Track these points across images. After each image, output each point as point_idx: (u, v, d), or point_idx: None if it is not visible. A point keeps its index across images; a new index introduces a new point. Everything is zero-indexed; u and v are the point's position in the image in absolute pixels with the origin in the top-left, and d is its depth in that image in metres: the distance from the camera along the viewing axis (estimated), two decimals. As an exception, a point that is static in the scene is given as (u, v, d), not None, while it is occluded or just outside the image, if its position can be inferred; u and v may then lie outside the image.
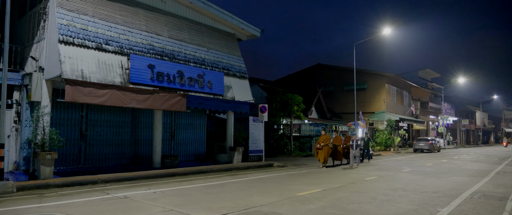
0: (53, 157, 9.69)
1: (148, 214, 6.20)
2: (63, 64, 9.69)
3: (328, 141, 15.45)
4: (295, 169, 14.77)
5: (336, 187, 9.65)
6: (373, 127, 32.76)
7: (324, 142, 15.38)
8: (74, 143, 12.28)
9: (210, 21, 15.21)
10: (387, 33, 24.85)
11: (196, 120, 16.35)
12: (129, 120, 13.90)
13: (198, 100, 13.09)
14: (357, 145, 15.70)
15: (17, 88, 11.26)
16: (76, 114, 12.38)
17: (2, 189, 7.99)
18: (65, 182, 9.16)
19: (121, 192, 8.35)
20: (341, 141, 16.43)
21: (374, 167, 15.98)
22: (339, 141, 16.44)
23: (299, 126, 26.50)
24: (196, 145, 16.28)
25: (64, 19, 10.22)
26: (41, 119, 9.93)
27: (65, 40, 9.96)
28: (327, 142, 15.38)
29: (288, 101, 23.15)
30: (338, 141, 16.43)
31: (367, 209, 6.90)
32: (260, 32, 17.24)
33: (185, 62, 13.18)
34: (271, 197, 8.01)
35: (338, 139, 16.63)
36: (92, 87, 10.10)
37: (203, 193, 8.45)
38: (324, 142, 15.39)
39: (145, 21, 12.56)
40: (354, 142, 15.77)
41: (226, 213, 6.32)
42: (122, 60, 11.24)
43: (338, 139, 16.61)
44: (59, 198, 7.56)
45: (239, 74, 15.56)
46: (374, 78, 35.01)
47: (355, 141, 15.73)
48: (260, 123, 16.85)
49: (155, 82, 11.76)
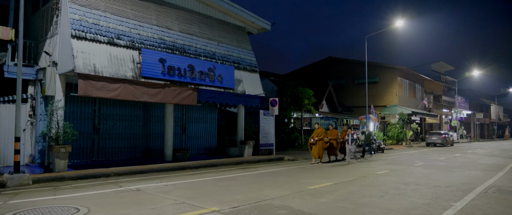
0: (67, 150, 9.86)
1: (160, 206, 6.28)
2: (76, 59, 9.81)
3: (323, 135, 14.31)
4: (306, 162, 14.74)
5: (347, 181, 9.61)
6: (385, 120, 32.45)
7: (318, 136, 14.27)
8: (87, 137, 12.48)
9: (221, 14, 15.18)
10: (399, 26, 24.48)
11: (207, 114, 16.43)
12: (140, 113, 14.05)
13: (208, 94, 13.13)
14: (353, 140, 14.61)
15: (32, 83, 11.46)
16: (89, 108, 12.56)
17: (18, 181, 8.18)
18: (79, 175, 9.33)
19: (134, 185, 8.46)
20: (336, 135, 15.28)
21: (385, 161, 15.85)
22: (334, 135, 15.20)
23: (310, 120, 26.41)
24: (207, 138, 16.37)
25: (76, 14, 10.32)
26: (55, 113, 10.10)
27: (78, 35, 10.08)
28: (321, 136, 14.24)
29: (299, 95, 23.05)
30: (333, 135, 15.20)
31: (379, 203, 6.86)
32: (271, 26, 17.16)
33: (195, 56, 13.21)
34: (282, 190, 8.02)
35: (334, 132, 15.27)
36: (104, 81, 10.21)
37: (214, 186, 8.51)
38: (318, 136, 14.28)
39: (156, 16, 12.61)
40: (349, 136, 14.70)
41: (237, 206, 6.35)
42: (134, 54, 11.32)
43: (333, 132, 15.27)
44: (73, 190, 7.70)
45: (250, 68, 15.53)
46: (386, 72, 34.59)
47: (351, 135, 14.65)
48: (270, 116, 16.83)
49: (166, 76, 11.82)
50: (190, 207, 6.22)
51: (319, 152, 14.18)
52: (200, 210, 6.06)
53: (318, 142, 14.12)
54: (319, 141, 14.16)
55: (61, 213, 5.67)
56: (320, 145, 14.20)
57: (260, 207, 6.34)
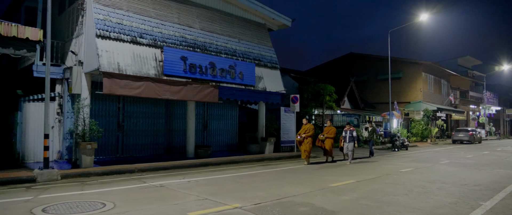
0: (93, 147, 10.13)
1: (183, 202, 6.36)
2: (101, 58, 10.05)
3: (311, 131, 12.60)
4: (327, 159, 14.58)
5: (370, 179, 9.45)
6: (409, 117, 31.72)
7: (306, 132, 12.62)
8: (112, 134, 12.79)
9: (241, 12, 15.19)
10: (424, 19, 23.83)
11: (228, 111, 16.53)
12: (163, 111, 14.28)
13: (229, 91, 13.19)
14: (352, 138, 13.13)
15: (59, 81, 11.82)
16: (113, 105, 12.86)
17: (47, 176, 8.48)
18: (104, 171, 9.58)
19: (157, 181, 8.62)
20: (334, 133, 13.48)
21: (409, 158, 15.50)
22: (332, 132, 13.41)
23: (331, 116, 26.11)
24: (228, 135, 16.47)
25: (100, 14, 10.56)
26: (82, 110, 10.39)
27: (102, 35, 10.31)
28: (309, 133, 12.57)
29: (320, 92, 22.82)
30: (330, 132, 13.41)
31: (403, 201, 6.71)
32: (291, 22, 17.04)
33: (216, 53, 13.29)
34: (304, 187, 7.98)
35: (331, 130, 13.48)
36: (128, 79, 10.42)
37: (235, 183, 8.55)
38: (305, 132, 12.64)
39: (177, 14, 12.75)
40: (348, 133, 13.22)
41: (259, 203, 6.36)
42: (156, 52, 11.49)
43: (331, 130, 13.48)
44: (99, 186, 7.91)
45: (270, 65, 15.49)
46: (410, 67, 33.75)
47: (349, 132, 13.19)
48: (291, 113, 16.75)
49: (187, 74, 11.95)
50: (213, 203, 6.28)
51: (306, 150, 12.58)
52: (222, 206, 6.10)
53: (305, 139, 12.53)
54: (307, 138, 12.55)
55: (88, 207, 5.84)
56: (306, 143, 12.53)
57: (282, 204, 6.32)
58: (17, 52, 8.68)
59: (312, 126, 12.83)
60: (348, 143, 13.18)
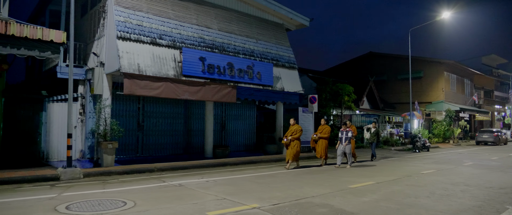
0: (114, 146, 10.34)
1: (202, 201, 6.41)
2: (121, 59, 10.24)
3: (298, 133, 11.56)
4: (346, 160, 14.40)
5: (390, 180, 9.29)
6: (430, 117, 30.99)
7: (293, 134, 11.55)
8: (132, 133, 13.02)
9: (259, 12, 15.20)
10: (446, 17, 23.23)
11: (245, 111, 16.57)
12: (182, 111, 14.44)
13: (247, 92, 13.21)
14: (347, 139, 11.98)
15: (82, 82, 12.12)
16: (133, 105, 13.09)
17: (71, 175, 8.71)
18: (125, 170, 9.76)
19: (176, 180, 8.71)
20: (328, 132, 12.45)
21: (431, 160, 15.14)
22: (326, 132, 12.38)
23: (350, 117, 25.79)
24: (246, 135, 16.50)
25: (121, 16, 10.77)
26: (103, 110, 10.62)
27: (123, 36, 10.51)
28: (296, 135, 11.51)
29: (338, 92, 22.59)
30: (324, 132, 12.37)
31: (425, 203, 6.56)
32: (309, 21, 16.93)
33: (234, 54, 13.34)
34: (322, 188, 7.91)
35: (325, 129, 12.41)
36: (148, 80, 10.58)
37: (253, 183, 8.55)
38: (292, 134, 11.57)
39: (196, 15, 12.87)
40: (343, 134, 12.09)
41: (277, 203, 6.34)
42: (175, 53, 11.63)
43: (325, 129, 12.42)
44: (120, 185, 8.07)
45: (288, 65, 15.44)
46: (431, 66, 32.98)
47: (345, 133, 12.07)
48: (309, 113, 16.64)
49: (206, 74, 12.04)
50: (231, 203, 6.30)
51: (293, 154, 11.45)
52: (241, 206, 6.12)
53: (292, 141, 11.47)
54: (294, 141, 11.48)
55: (110, 206, 5.96)
56: (293, 146, 11.47)
57: (300, 205, 6.29)
58: (42, 54, 8.94)
59: (300, 127, 11.71)
60: (344, 145, 11.96)
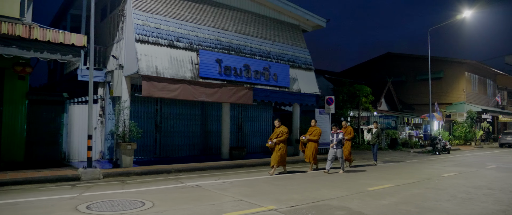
0: (133, 148, 10.51)
1: (219, 203, 6.44)
2: (140, 62, 10.41)
3: (284, 135, 10.47)
4: (364, 162, 14.24)
5: (410, 183, 9.11)
6: (451, 119, 30.27)
7: (278, 136, 10.48)
8: (150, 135, 13.20)
9: (275, 13, 15.20)
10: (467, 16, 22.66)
11: (262, 113, 16.56)
12: (199, 113, 14.56)
13: (264, 93, 13.22)
14: (339, 141, 10.81)
15: (101, 84, 12.37)
16: (151, 107, 13.28)
17: (91, 175, 8.89)
18: (143, 171, 9.90)
19: (193, 181, 8.78)
20: (318, 134, 11.47)
21: (452, 162, 14.78)
22: (316, 134, 11.44)
23: (368, 118, 25.47)
24: (262, 137, 16.48)
25: (139, 19, 10.95)
26: (122, 112, 10.81)
27: (141, 39, 10.68)
28: (281, 137, 10.43)
29: (356, 93, 22.34)
30: (314, 134, 11.45)
31: (446, 207, 6.40)
32: (326, 22, 16.82)
33: (251, 55, 13.37)
34: (340, 190, 7.82)
35: (315, 131, 11.48)
36: (166, 82, 10.71)
37: (270, 185, 8.54)
38: (277, 136, 10.50)
39: (212, 17, 12.96)
40: (334, 136, 10.92)
41: (294, 205, 6.31)
42: (192, 55, 11.74)
43: (315, 131, 11.49)
44: (138, 185, 8.18)
45: (305, 66, 15.36)
46: (452, 66, 32.22)
47: (336, 135, 10.88)
48: (326, 115, 16.51)
49: (222, 76, 12.11)
50: (248, 205, 6.30)
51: (277, 158, 10.37)
52: (258, 208, 6.11)
53: (277, 144, 10.49)
54: (280, 144, 10.50)
55: (129, 206, 6.05)
56: (279, 149, 10.42)
57: (317, 207, 6.23)
58: (63, 58, 9.17)
59: (286, 130, 10.59)
60: (335, 149, 10.80)
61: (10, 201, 6.32)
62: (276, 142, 10.41)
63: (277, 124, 10.82)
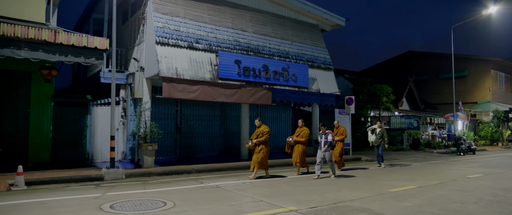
0: (154, 148, 10.67)
1: (239, 203, 6.45)
2: (160, 64, 10.56)
3: (265, 135, 9.58)
4: (385, 163, 13.99)
5: (433, 184, 8.88)
6: (476, 118, 29.36)
7: (258, 137, 9.61)
8: (170, 136, 13.37)
9: (293, 13, 15.14)
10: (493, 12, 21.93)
11: (281, 113, 16.52)
12: (218, 113, 14.65)
13: (283, 94, 13.18)
14: (327, 143, 9.71)
15: (123, 86, 12.63)
16: (172, 108, 13.45)
17: (113, 175, 9.08)
18: (164, 171, 10.04)
19: (213, 182, 8.84)
20: (306, 136, 10.41)
21: (477, 163, 14.33)
22: (303, 134, 10.38)
23: (389, 118, 25.02)
24: (281, 137, 16.43)
25: (159, 22, 11.12)
26: (143, 113, 11.00)
27: (161, 41, 10.85)
28: (261, 138, 9.55)
29: (376, 93, 21.98)
30: (302, 134, 10.37)
31: (473, 210, 6.21)
32: (345, 21, 16.63)
33: (269, 56, 13.36)
34: (361, 192, 7.71)
35: (303, 132, 10.39)
36: (185, 83, 10.84)
37: (290, 185, 8.50)
38: (257, 137, 9.62)
39: (231, 19, 13.02)
40: (322, 137, 9.85)
41: (314, 206, 6.26)
42: (211, 57, 11.83)
43: (302, 131, 10.41)
44: (159, 185, 8.30)
45: (324, 66, 15.23)
46: (477, 64, 31.25)
47: (325, 136, 9.80)
48: (346, 115, 16.31)
49: (241, 77, 12.15)
50: (268, 206, 6.29)
51: (258, 161, 9.46)
52: (278, 208, 6.09)
53: (257, 146, 9.57)
54: (260, 146, 9.55)
55: (151, 206, 6.14)
56: (259, 151, 9.53)
57: (338, 208, 6.16)
58: (87, 61, 9.42)
59: (267, 129, 9.74)
60: (324, 151, 9.72)
61: (38, 200, 6.53)
62: (256, 142, 9.53)
63: (257, 123, 9.91)
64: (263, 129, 9.68)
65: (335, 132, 11.75)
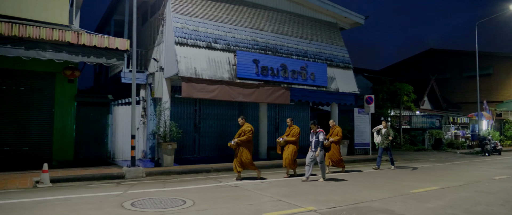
0: (173, 147, 10.80)
1: (257, 202, 6.45)
2: (179, 64, 10.68)
3: (247, 134, 8.94)
4: (406, 163, 13.72)
5: (457, 186, 8.64)
6: (502, 118, 28.40)
7: (240, 136, 8.97)
8: (189, 135, 13.51)
9: (311, 12, 15.03)
10: (519, 8, 21.11)
11: (299, 112, 16.44)
12: (236, 113, 14.69)
13: (301, 93, 13.11)
14: (319, 143, 9.03)
15: (143, 86, 12.83)
16: (190, 108, 13.59)
17: (134, 173, 9.24)
18: (183, 170, 10.14)
19: (232, 181, 8.87)
20: (297, 134, 9.78)
21: (503, 165, 13.86)
22: (294, 133, 9.79)
23: (410, 118, 24.52)
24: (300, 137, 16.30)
25: (178, 22, 11.24)
26: (163, 113, 11.15)
27: (180, 42, 10.97)
28: (243, 137, 8.91)
29: (397, 91, 21.59)
30: (292, 134, 9.81)
31: (499, 212, 6.00)
32: (364, 19, 16.39)
33: (287, 55, 13.31)
34: (381, 192, 7.58)
35: (293, 131, 9.84)
36: (204, 83, 10.92)
37: (309, 185, 8.44)
38: (239, 136, 8.98)
39: (249, 18, 13.04)
40: (313, 136, 9.22)
41: (334, 207, 6.19)
42: (229, 57, 11.88)
43: (292, 130, 9.86)
44: (179, 184, 8.39)
45: (343, 65, 15.06)
46: (502, 62, 30.22)
47: (315, 135, 9.15)
48: (366, 114, 16.08)
49: (259, 77, 12.15)
50: (287, 205, 6.27)
51: (238, 163, 8.95)
52: (297, 208, 6.06)
53: (239, 147, 8.94)
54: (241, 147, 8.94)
55: (171, 204, 6.22)
56: (240, 152, 8.94)
57: (358, 209, 6.07)
58: (108, 61, 9.62)
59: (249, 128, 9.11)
60: (313, 151, 9.09)
61: (63, 197, 6.71)
62: (238, 142, 8.87)
63: (240, 121, 9.27)
64: (245, 128, 9.05)
65: (330, 132, 11.03)
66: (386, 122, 12.17)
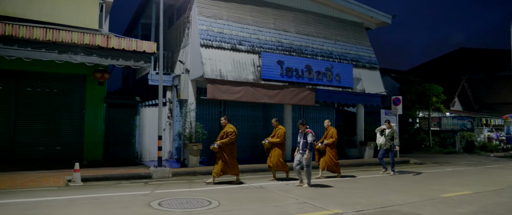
0: (199, 148, 10.93)
1: (283, 204, 6.42)
2: (205, 66, 10.81)
3: (229, 136, 8.60)
4: (436, 167, 13.29)
5: (491, 190, 8.29)
6: (539, 119, 27.03)
7: (221, 138, 8.62)
8: (215, 136, 13.53)
9: (336, 12, 14.85)
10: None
11: (324, 114, 16.25)
12: (260, 114, 14.70)
13: (326, 94, 12.96)
14: (307, 144, 8.35)
15: (169, 88, 13.07)
16: (215, 109, 13.71)
17: (161, 174, 9.42)
18: (208, 171, 10.21)
19: (257, 182, 8.87)
20: (282, 136, 9.30)
21: (542, 168, 13.16)
22: (279, 134, 9.30)
23: (439, 119, 23.76)
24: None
25: (203, 25, 11.39)
26: (189, 114, 11.31)
27: (205, 44, 11.10)
28: (224, 139, 8.56)
29: (425, 92, 20.96)
30: (278, 135, 9.31)
31: (537, 218, 5.70)
32: (391, 19, 16.03)
33: (312, 56, 13.20)
34: (410, 196, 7.37)
35: (278, 132, 9.34)
36: (229, 85, 11.00)
37: (334, 188, 8.33)
38: (221, 137, 8.64)
39: (273, 19, 13.03)
40: (301, 137, 8.63)
41: (360, 210, 6.07)
42: (254, 58, 11.91)
43: (278, 131, 9.36)
44: (204, 185, 8.48)
45: (369, 65, 14.79)
46: (539, 61, 28.75)
47: (303, 136, 8.55)
48: (393, 116, 15.70)
49: (284, 78, 12.11)
50: (312, 208, 6.21)
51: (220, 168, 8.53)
52: (322, 211, 5.99)
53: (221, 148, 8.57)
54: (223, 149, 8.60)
55: (196, 204, 6.29)
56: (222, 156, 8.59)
57: (386, 213, 5.93)
58: (136, 64, 9.86)
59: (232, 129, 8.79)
60: (301, 153, 8.46)
61: (93, 195, 6.93)
62: (220, 144, 8.49)
63: (223, 121, 8.89)
64: (227, 129, 8.66)
65: (324, 134, 10.27)
66: (390, 123, 11.39)
